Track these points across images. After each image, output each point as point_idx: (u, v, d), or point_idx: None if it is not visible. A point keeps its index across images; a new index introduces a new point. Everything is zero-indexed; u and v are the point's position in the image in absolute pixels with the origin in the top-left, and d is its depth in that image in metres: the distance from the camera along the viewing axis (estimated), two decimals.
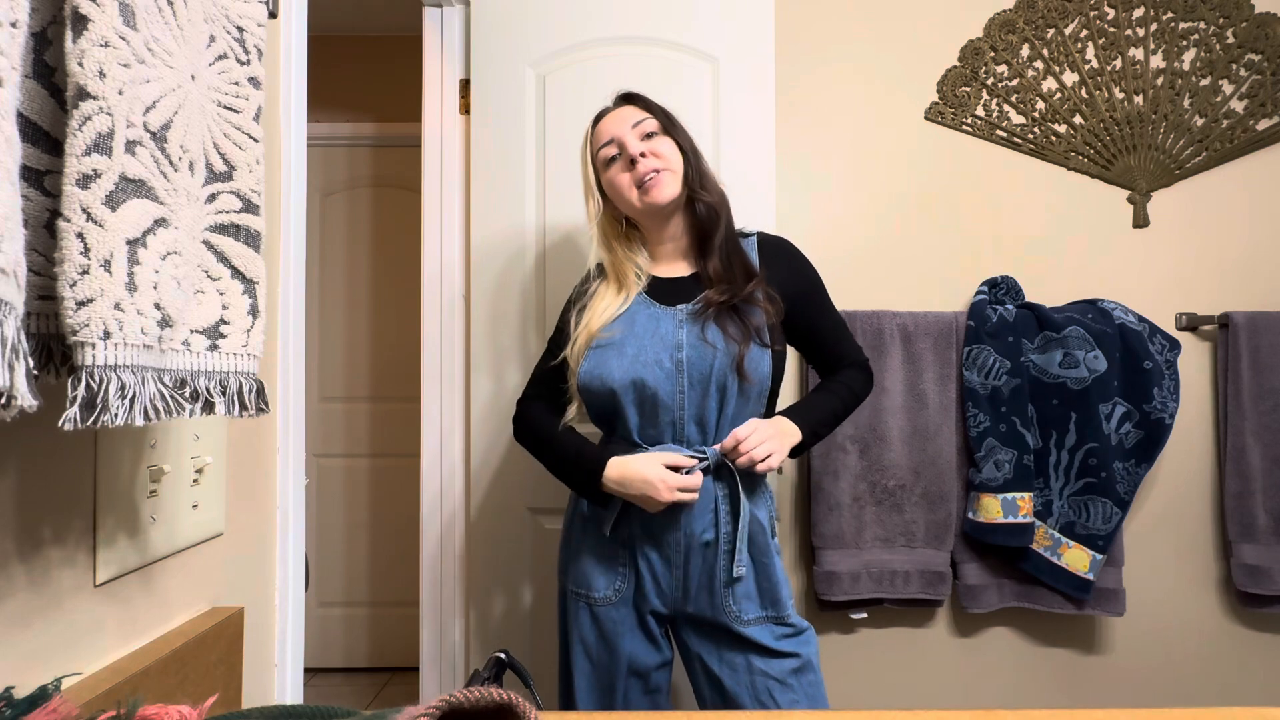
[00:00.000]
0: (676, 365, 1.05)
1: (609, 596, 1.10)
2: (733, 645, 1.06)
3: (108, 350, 0.40)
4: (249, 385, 0.54)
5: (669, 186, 1.09)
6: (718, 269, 1.09)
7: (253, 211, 0.55)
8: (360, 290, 2.63)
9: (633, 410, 1.06)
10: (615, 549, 1.10)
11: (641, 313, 1.10)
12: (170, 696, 0.57)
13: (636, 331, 1.08)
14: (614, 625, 1.09)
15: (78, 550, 0.52)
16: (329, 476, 2.61)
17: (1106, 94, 1.65)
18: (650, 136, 1.11)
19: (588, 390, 1.08)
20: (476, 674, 0.83)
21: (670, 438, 1.07)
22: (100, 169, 0.40)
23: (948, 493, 1.55)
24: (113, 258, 0.41)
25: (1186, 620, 1.61)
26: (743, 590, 1.06)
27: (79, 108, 0.39)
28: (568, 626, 1.14)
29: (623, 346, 1.07)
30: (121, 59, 0.41)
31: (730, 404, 1.05)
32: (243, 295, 0.54)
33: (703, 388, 1.05)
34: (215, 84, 0.52)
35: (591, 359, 1.08)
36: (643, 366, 1.05)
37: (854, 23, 1.67)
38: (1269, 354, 1.54)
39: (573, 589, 1.12)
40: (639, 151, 1.08)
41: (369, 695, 2.44)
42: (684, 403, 1.05)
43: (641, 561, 1.08)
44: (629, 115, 1.12)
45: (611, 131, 1.11)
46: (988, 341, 1.54)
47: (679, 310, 1.09)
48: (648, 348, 1.06)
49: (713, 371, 1.04)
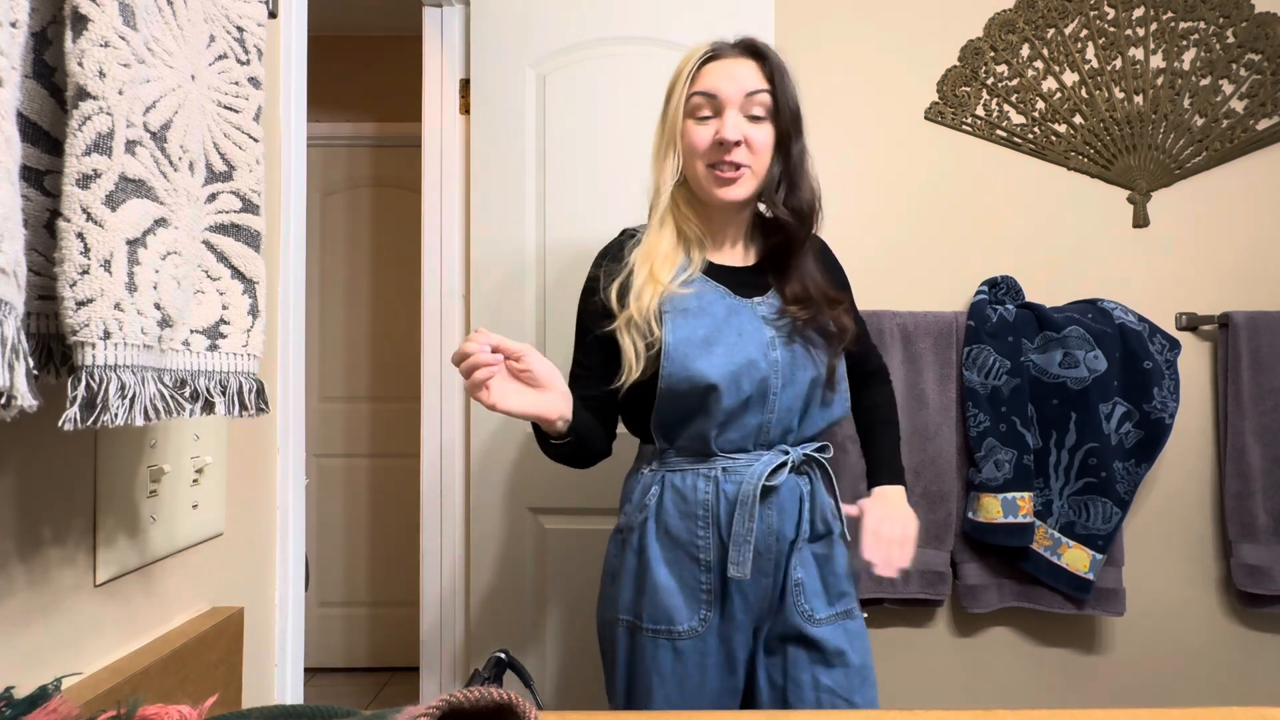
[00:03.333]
0: (772, 366, 0.95)
1: (695, 628, 0.96)
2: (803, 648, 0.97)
3: (108, 350, 0.40)
4: (249, 385, 0.54)
5: (746, 186, 0.96)
6: (797, 294, 0.98)
7: (253, 211, 0.55)
8: (360, 290, 2.63)
9: (720, 413, 0.94)
10: (698, 570, 0.97)
11: (718, 303, 0.97)
12: (170, 696, 0.57)
13: (720, 325, 0.95)
14: (701, 658, 0.96)
15: (78, 550, 0.52)
16: (329, 476, 2.61)
17: (1106, 94, 1.65)
18: (756, 119, 0.95)
19: (673, 391, 0.94)
20: (476, 674, 0.83)
21: (752, 443, 0.97)
22: (100, 169, 0.40)
23: (948, 492, 1.55)
24: (113, 258, 0.41)
25: (1186, 620, 1.61)
26: (811, 589, 0.98)
27: (79, 108, 0.39)
28: (640, 669, 0.97)
29: (710, 343, 0.94)
30: (121, 59, 0.41)
31: (813, 412, 0.99)
32: (243, 295, 0.54)
33: (794, 390, 0.96)
34: (215, 84, 0.52)
35: (676, 355, 0.93)
36: (739, 365, 0.93)
37: (854, 23, 1.67)
38: (1269, 354, 1.54)
39: (648, 627, 0.96)
40: (735, 137, 0.92)
41: (369, 695, 2.44)
42: (775, 406, 0.96)
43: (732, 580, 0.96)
44: (746, 78, 0.94)
45: (717, 87, 0.94)
46: (988, 341, 1.54)
47: (757, 304, 0.98)
48: (739, 343, 0.94)
49: (802, 377, 0.96)
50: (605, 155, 1.53)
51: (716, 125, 0.94)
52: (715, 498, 0.97)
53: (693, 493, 0.98)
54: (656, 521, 0.99)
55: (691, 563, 0.97)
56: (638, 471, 1.04)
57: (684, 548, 0.98)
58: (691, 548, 0.97)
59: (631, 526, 1.01)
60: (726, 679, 0.98)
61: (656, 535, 0.98)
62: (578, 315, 1.05)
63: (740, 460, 0.97)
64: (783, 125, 0.96)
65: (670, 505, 0.98)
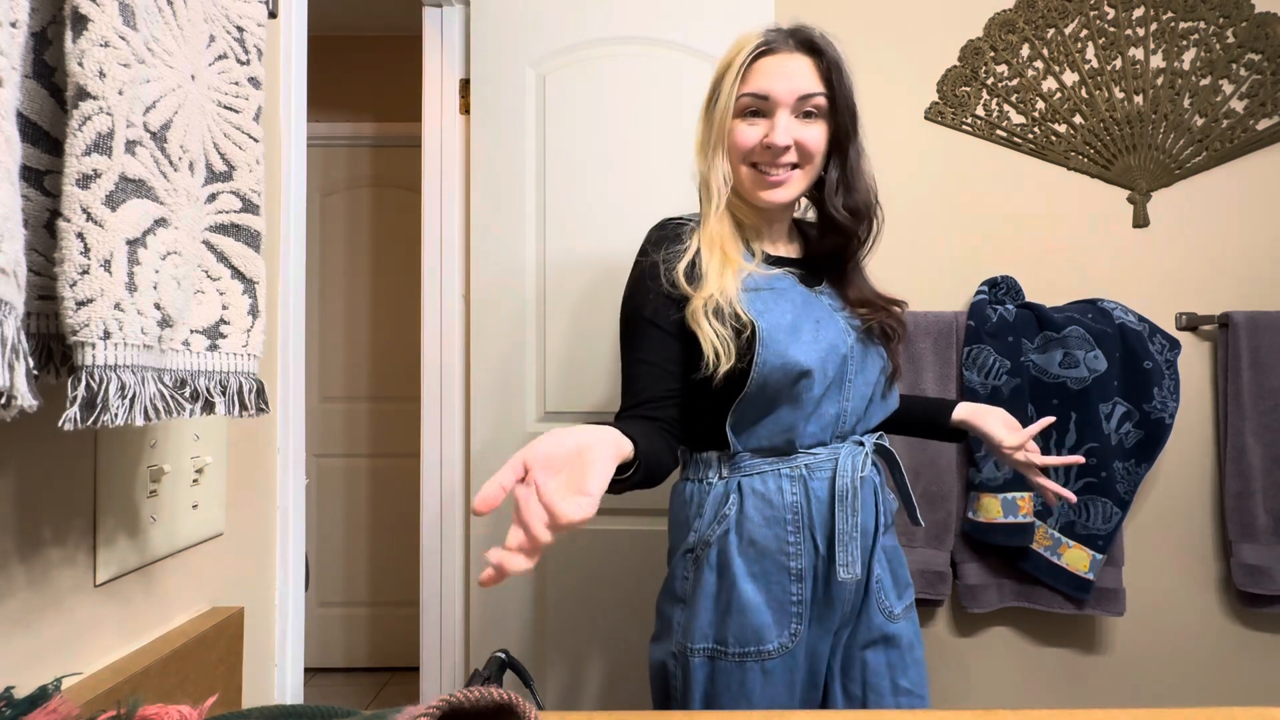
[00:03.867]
0: (850, 351, 0.91)
1: (785, 645, 0.88)
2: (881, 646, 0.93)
3: (108, 350, 0.40)
4: (249, 385, 0.54)
5: (794, 188, 0.92)
6: (861, 298, 0.96)
7: (253, 211, 0.55)
8: (360, 290, 2.63)
9: (810, 402, 0.88)
10: (787, 581, 0.89)
11: (793, 290, 0.92)
12: (170, 696, 0.57)
13: (799, 311, 0.90)
14: (790, 675, 0.88)
15: (78, 550, 0.52)
16: (329, 476, 2.61)
17: (1106, 94, 1.65)
18: (809, 117, 0.90)
19: (767, 379, 0.86)
20: (476, 674, 0.83)
21: (830, 435, 0.91)
22: (100, 169, 0.40)
23: (948, 492, 1.55)
24: (113, 258, 0.41)
25: (1186, 620, 1.61)
26: (888, 583, 0.95)
27: (79, 108, 0.39)
28: (725, 697, 0.87)
29: (797, 329, 0.88)
30: (121, 59, 0.41)
31: (875, 404, 0.96)
32: (243, 295, 0.54)
33: (865, 378, 0.93)
34: (215, 84, 0.52)
35: (771, 341, 0.86)
36: (826, 351, 0.88)
37: (853, 22, 1.67)
38: (1269, 354, 1.54)
39: (734, 651, 0.87)
40: (785, 142, 0.88)
41: (369, 695, 2.44)
42: (850, 393, 0.92)
43: (818, 582, 0.90)
44: (801, 77, 0.89)
45: (770, 87, 0.88)
46: (988, 341, 1.54)
47: (823, 293, 0.96)
48: (821, 329, 0.90)
49: (872, 367, 0.94)
50: (605, 155, 1.53)
51: (766, 126, 0.89)
52: (804, 498, 0.89)
53: (778, 495, 0.89)
54: (738, 533, 0.89)
55: (781, 573, 0.89)
56: (701, 481, 0.94)
57: (772, 558, 0.89)
58: (781, 556, 0.89)
59: (709, 542, 0.90)
60: (810, 693, 0.91)
61: (740, 548, 0.89)
62: (630, 311, 0.92)
63: (820, 455, 0.91)
64: (840, 124, 0.91)
65: (753, 513, 0.89)
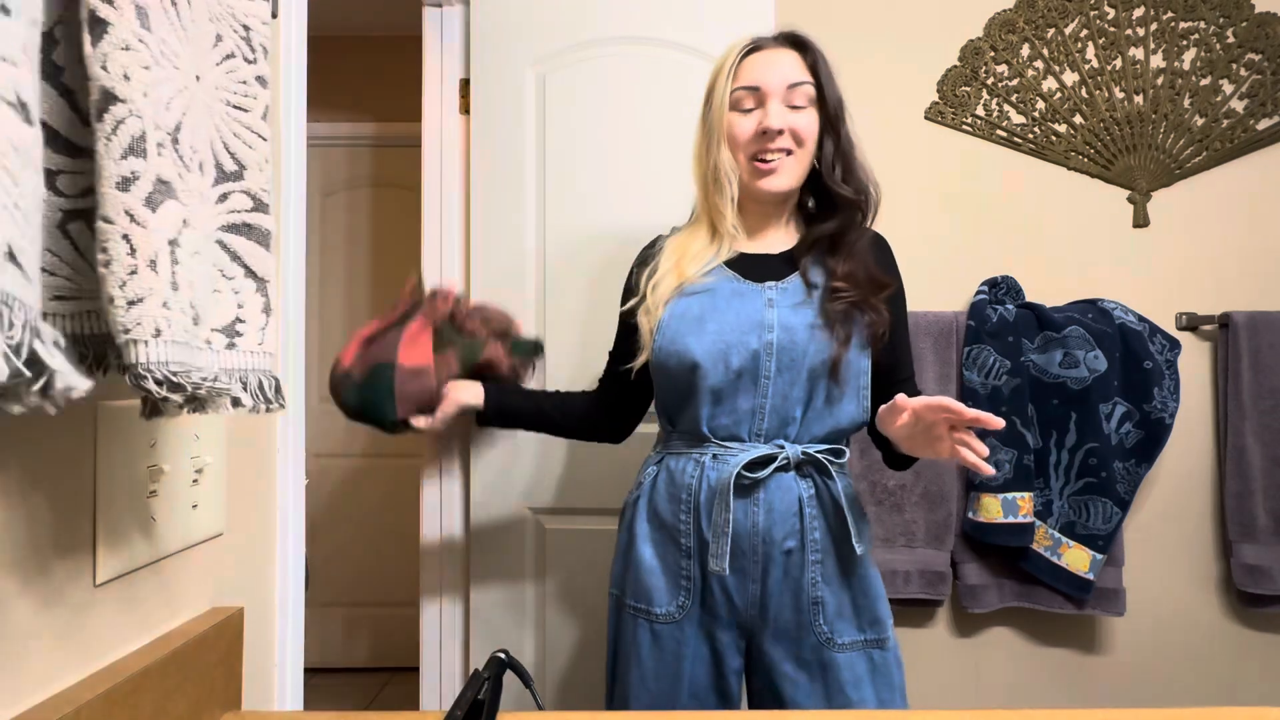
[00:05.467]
0: (765, 347, 0.93)
1: (672, 613, 0.96)
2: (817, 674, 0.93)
3: (159, 347, 0.41)
4: (269, 382, 0.55)
5: (788, 176, 0.95)
6: (847, 271, 0.95)
7: (263, 210, 0.55)
8: (360, 290, 2.63)
9: (708, 392, 0.94)
10: (679, 555, 0.97)
11: (725, 287, 0.97)
12: (170, 697, 0.57)
13: (718, 306, 0.95)
14: (677, 646, 0.95)
15: (77, 550, 0.52)
16: (329, 476, 2.61)
17: (1106, 94, 1.65)
18: (799, 109, 0.95)
19: (663, 366, 0.96)
20: (476, 674, 0.83)
21: (747, 431, 0.95)
22: (139, 171, 0.41)
23: (948, 492, 1.55)
24: (157, 258, 0.42)
25: (1187, 620, 1.61)
26: (834, 609, 0.94)
27: (109, 111, 0.40)
28: (622, 647, 1.00)
29: (703, 322, 0.94)
30: (143, 61, 0.42)
31: (817, 408, 0.94)
32: (256, 294, 0.54)
33: (791, 376, 0.93)
34: (223, 83, 0.52)
35: (667, 331, 0.95)
36: (727, 345, 0.93)
37: (854, 22, 1.67)
38: (1269, 354, 1.54)
39: (630, 604, 0.99)
40: (779, 125, 0.93)
41: (369, 695, 2.44)
42: (768, 390, 0.93)
43: (704, 567, 0.95)
44: (788, 68, 0.95)
45: (760, 79, 0.95)
46: (988, 341, 1.54)
47: (767, 289, 0.96)
48: (731, 324, 0.94)
49: (805, 361, 0.92)
50: (605, 155, 1.53)
51: (760, 116, 0.94)
52: (699, 482, 0.96)
53: (681, 475, 0.98)
54: (648, 501, 1.01)
55: (674, 546, 0.97)
56: (650, 455, 1.08)
57: (668, 530, 0.98)
58: (675, 531, 0.98)
59: (627, 503, 1.05)
60: (711, 679, 0.96)
61: (646, 514, 1.00)
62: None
63: (733, 449, 0.95)
64: (828, 112, 0.96)
65: (661, 486, 1.00)
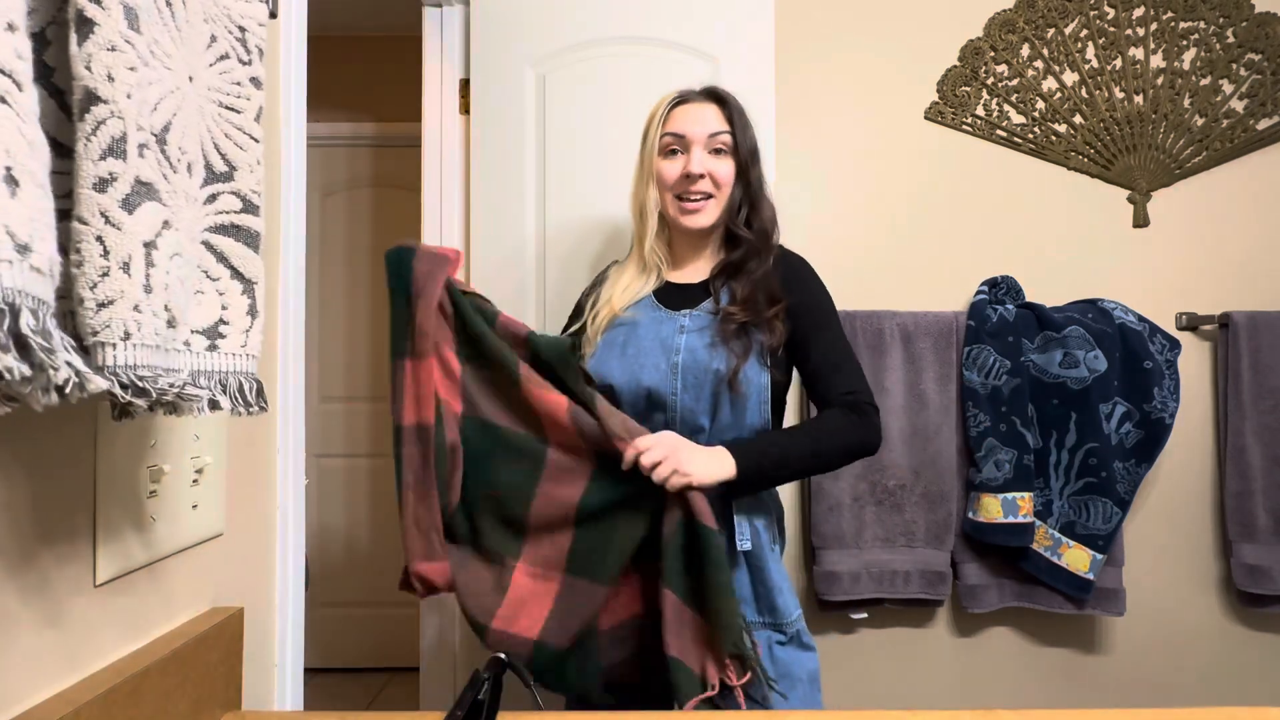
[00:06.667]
0: (672, 368, 1.06)
1: None
2: None
3: (128, 350, 0.41)
4: (250, 384, 0.54)
5: (710, 215, 1.10)
6: (745, 294, 1.07)
7: (253, 212, 0.55)
8: (360, 290, 2.63)
9: (627, 408, 1.06)
10: None
11: (646, 315, 1.12)
12: (170, 697, 0.57)
13: (639, 334, 1.10)
14: None
15: (78, 550, 0.52)
16: (329, 476, 2.61)
17: (1106, 94, 1.65)
18: (718, 153, 1.10)
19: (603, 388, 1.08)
20: (476, 674, 0.83)
21: None
22: (116, 172, 0.41)
23: (948, 493, 1.55)
24: (131, 260, 0.42)
25: (1186, 620, 1.61)
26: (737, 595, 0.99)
27: (90, 112, 0.39)
28: None
29: (624, 347, 1.10)
30: (128, 62, 0.41)
31: (723, 415, 1.05)
32: (242, 295, 0.54)
33: (695, 393, 1.05)
34: (216, 84, 0.52)
35: (596, 357, 1.10)
36: (640, 367, 1.07)
37: (854, 22, 1.67)
38: (1269, 354, 1.54)
39: None
40: (700, 171, 1.07)
41: (369, 695, 2.45)
42: (677, 405, 1.06)
43: None
44: (710, 120, 1.09)
45: (685, 128, 1.09)
46: (988, 341, 1.54)
47: (681, 316, 1.10)
48: (646, 349, 1.08)
49: (707, 379, 1.04)
50: (605, 155, 1.53)
51: (684, 161, 1.09)
52: None
53: None
54: None
55: None
56: None
57: None
58: None
59: None
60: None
61: None
62: None
63: None
64: (741, 159, 1.10)
65: None
